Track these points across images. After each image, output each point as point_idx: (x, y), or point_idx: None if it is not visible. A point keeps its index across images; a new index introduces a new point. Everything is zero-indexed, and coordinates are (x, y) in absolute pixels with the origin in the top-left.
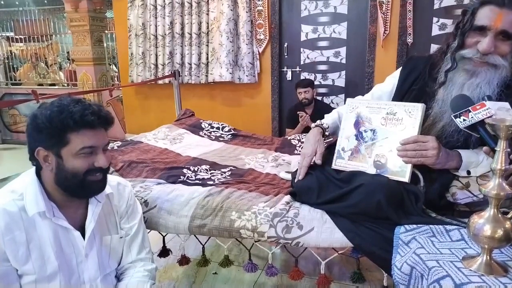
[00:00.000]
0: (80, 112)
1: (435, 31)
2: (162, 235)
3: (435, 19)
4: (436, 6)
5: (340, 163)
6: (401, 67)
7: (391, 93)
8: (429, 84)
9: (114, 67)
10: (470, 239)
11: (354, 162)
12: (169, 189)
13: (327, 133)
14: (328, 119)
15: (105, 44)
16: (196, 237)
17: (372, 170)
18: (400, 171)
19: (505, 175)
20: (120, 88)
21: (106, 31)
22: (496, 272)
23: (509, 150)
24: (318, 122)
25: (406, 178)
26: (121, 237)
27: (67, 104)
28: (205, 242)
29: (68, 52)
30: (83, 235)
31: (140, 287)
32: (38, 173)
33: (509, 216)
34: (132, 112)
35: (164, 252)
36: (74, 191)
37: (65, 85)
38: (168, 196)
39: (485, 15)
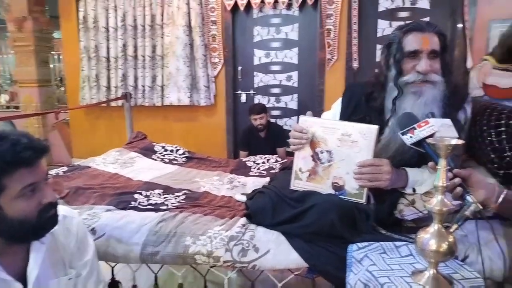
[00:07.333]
0: (10, 150)
1: (379, 56)
2: (110, 266)
3: (378, 46)
4: (379, 34)
5: (298, 184)
6: (341, 96)
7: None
8: (370, 113)
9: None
10: (417, 254)
11: (312, 183)
12: (119, 215)
13: None
14: None
15: (52, 66)
16: (148, 266)
17: (330, 192)
18: (358, 193)
19: (449, 189)
20: (68, 111)
21: (53, 52)
22: (442, 285)
23: (449, 167)
24: None
25: (363, 200)
26: (69, 279)
27: None
28: (158, 271)
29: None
30: (25, 283)
31: None
32: None
33: (451, 230)
34: (80, 136)
35: (113, 284)
36: (22, 238)
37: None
38: (118, 223)
39: (412, 41)
